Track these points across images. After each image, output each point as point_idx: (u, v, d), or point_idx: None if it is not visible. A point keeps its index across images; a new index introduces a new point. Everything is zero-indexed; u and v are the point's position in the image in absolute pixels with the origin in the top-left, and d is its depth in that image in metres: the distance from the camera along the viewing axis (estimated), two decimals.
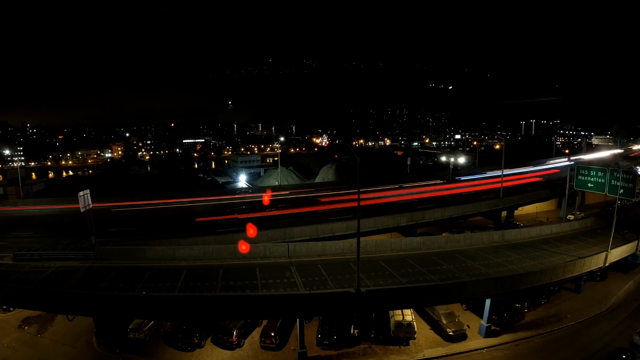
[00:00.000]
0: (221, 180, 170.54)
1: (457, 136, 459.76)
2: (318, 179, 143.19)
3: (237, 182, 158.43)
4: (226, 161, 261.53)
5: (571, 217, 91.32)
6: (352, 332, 48.29)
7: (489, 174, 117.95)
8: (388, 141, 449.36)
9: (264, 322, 49.64)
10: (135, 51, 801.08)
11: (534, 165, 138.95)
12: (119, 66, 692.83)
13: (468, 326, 51.30)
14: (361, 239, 43.31)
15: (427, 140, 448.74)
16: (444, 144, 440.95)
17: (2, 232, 61.95)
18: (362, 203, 46.30)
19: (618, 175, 66.49)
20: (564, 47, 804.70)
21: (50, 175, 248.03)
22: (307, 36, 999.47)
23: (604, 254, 55.33)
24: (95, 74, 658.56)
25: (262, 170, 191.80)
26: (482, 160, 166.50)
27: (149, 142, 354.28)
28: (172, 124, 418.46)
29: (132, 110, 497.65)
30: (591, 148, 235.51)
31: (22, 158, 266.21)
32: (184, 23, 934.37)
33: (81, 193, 48.90)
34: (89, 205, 49.46)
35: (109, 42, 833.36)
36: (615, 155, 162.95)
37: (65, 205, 76.07)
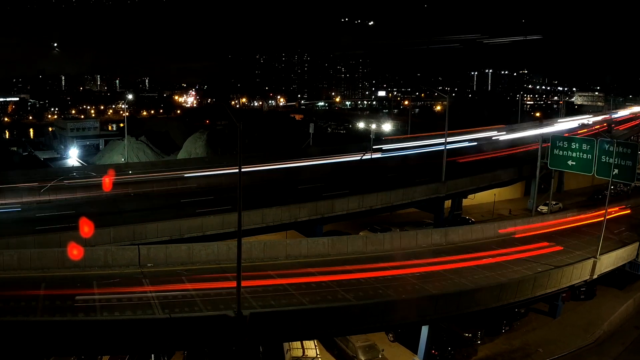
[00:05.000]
0: (43, 156, 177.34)
1: (381, 93, 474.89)
2: (182, 154, 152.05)
3: (67, 158, 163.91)
4: (51, 129, 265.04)
5: (544, 208, 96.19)
6: None
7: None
8: (282, 100, 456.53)
9: (105, 358, 49.01)
10: None
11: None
12: None
13: None
14: (244, 239, 45.27)
15: (337, 99, 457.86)
16: (362, 103, 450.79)
17: None
18: None
19: (611, 148, 67.19)
20: None
21: None
22: None
23: (590, 261, 57.60)
24: None
25: (101, 141, 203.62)
26: (417, 127, 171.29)
27: None
28: None
29: None
30: (573, 109, 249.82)
31: None
32: None
33: None
34: None
35: None
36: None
37: None
